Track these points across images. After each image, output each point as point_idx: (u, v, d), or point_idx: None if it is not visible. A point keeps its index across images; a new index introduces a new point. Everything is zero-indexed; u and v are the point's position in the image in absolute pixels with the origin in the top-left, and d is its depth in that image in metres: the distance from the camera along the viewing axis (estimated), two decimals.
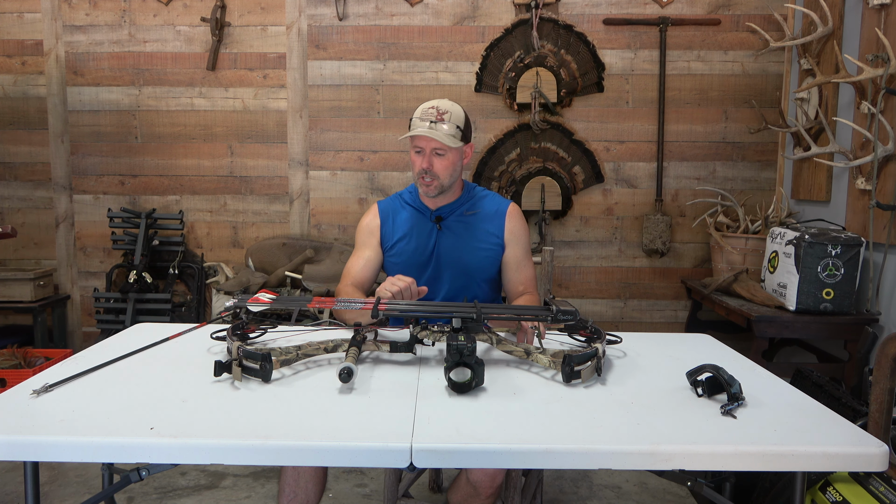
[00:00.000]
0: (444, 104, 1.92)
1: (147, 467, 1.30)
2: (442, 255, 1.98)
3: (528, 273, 2.03)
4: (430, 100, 1.95)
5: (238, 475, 2.63)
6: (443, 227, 1.99)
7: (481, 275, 2.00)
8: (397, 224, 2.03)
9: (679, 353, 1.67)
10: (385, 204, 2.07)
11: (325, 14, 3.67)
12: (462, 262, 1.97)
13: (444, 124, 1.88)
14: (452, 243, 1.98)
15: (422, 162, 1.90)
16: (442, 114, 1.89)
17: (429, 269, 1.99)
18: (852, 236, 2.64)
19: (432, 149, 1.89)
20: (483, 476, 1.57)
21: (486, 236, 1.99)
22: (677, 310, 3.79)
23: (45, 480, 2.56)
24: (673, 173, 3.70)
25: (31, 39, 3.71)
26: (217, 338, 1.72)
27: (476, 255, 1.98)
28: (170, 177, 3.78)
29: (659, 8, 3.61)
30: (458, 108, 1.93)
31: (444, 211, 2.00)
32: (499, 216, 2.00)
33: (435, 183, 1.92)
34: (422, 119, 1.89)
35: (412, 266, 1.98)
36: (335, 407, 1.27)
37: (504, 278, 2.05)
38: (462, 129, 1.92)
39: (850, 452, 1.11)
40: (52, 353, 3.26)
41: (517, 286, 2.02)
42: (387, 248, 2.03)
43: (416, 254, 1.98)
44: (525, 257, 2.03)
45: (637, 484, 2.59)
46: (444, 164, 1.90)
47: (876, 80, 2.67)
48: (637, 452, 1.10)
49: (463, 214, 2.00)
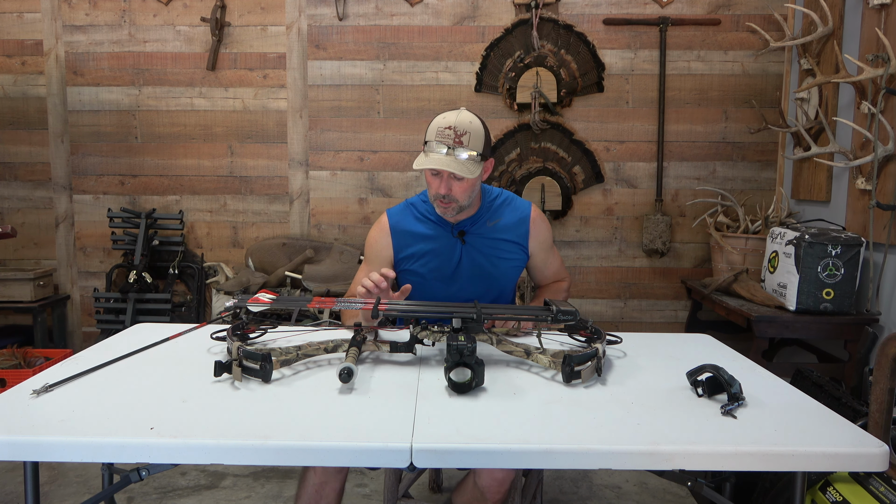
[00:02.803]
0: (462, 122, 1.76)
1: (147, 467, 1.30)
2: (465, 269, 1.92)
3: (554, 266, 2.06)
4: (448, 112, 1.79)
5: (238, 475, 2.63)
6: (466, 241, 1.91)
7: (504, 283, 1.97)
8: (415, 238, 1.92)
9: (679, 353, 1.67)
10: (396, 217, 1.95)
11: (325, 14, 3.67)
12: (486, 273, 1.93)
13: (462, 150, 1.74)
14: (476, 257, 1.92)
15: (439, 186, 1.78)
16: (460, 136, 1.73)
17: (454, 283, 1.93)
18: (852, 236, 2.64)
19: (450, 173, 1.76)
20: (491, 481, 1.55)
21: (510, 247, 1.95)
22: (677, 310, 3.79)
23: (45, 480, 2.56)
24: (673, 173, 3.70)
25: (31, 39, 3.71)
26: (217, 338, 1.72)
27: (500, 265, 1.94)
28: (170, 177, 3.78)
29: (659, 8, 3.61)
30: (477, 125, 1.78)
31: (466, 224, 1.91)
32: (522, 224, 1.94)
33: (453, 205, 1.82)
34: (438, 142, 1.74)
35: (436, 280, 1.93)
36: (335, 407, 1.27)
37: (532, 276, 2.08)
38: (482, 153, 1.78)
39: (850, 452, 1.11)
40: (52, 353, 3.26)
41: (547, 280, 2.07)
42: (400, 260, 1.93)
43: (440, 269, 1.92)
44: (550, 255, 2.03)
45: (637, 484, 2.59)
46: (462, 187, 1.78)
47: (876, 80, 2.67)
48: (637, 452, 1.11)
49: (485, 225, 1.93)
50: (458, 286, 1.93)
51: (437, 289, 1.93)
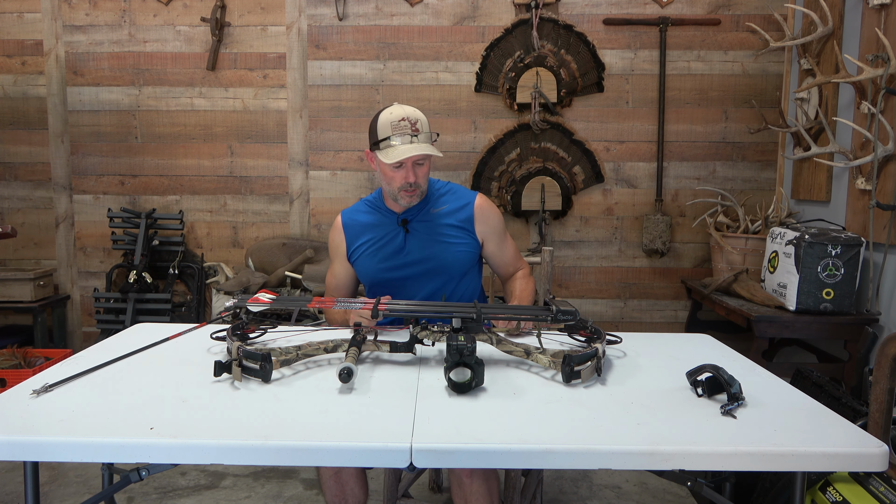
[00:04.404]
0: (411, 113, 1.88)
1: (147, 467, 1.30)
2: (412, 257, 1.97)
3: (510, 253, 2.08)
4: (390, 108, 1.89)
5: (238, 475, 2.63)
6: (410, 229, 1.98)
7: (456, 270, 2.00)
8: (364, 228, 2.02)
9: (679, 353, 1.67)
10: (348, 214, 2.06)
11: (325, 14, 3.67)
12: (434, 260, 1.97)
13: (422, 135, 1.86)
14: (421, 244, 1.97)
15: (406, 176, 1.87)
16: (414, 124, 1.85)
17: (401, 271, 1.98)
18: (852, 236, 2.64)
19: (414, 161, 1.86)
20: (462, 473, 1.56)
21: (455, 231, 1.99)
22: (677, 310, 3.79)
23: (45, 480, 2.56)
24: (673, 173, 3.70)
25: (31, 39, 3.71)
26: (217, 338, 1.72)
27: (447, 251, 1.97)
28: (170, 177, 3.78)
29: (659, 8, 3.61)
30: (420, 113, 1.91)
31: (411, 213, 1.98)
32: (465, 210, 2.00)
33: (418, 191, 1.92)
34: (398, 135, 1.84)
35: (383, 270, 1.98)
36: (335, 407, 1.27)
37: (492, 267, 2.11)
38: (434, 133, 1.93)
39: (850, 452, 1.11)
40: (52, 353, 3.26)
41: (507, 269, 2.09)
42: (353, 251, 2.02)
43: (386, 259, 1.98)
44: (503, 242, 2.06)
45: (637, 484, 2.59)
46: (424, 171, 1.91)
47: (876, 80, 2.67)
48: (637, 452, 1.10)
49: (429, 213, 1.99)
50: (408, 271, 1.98)
51: (386, 277, 1.99)
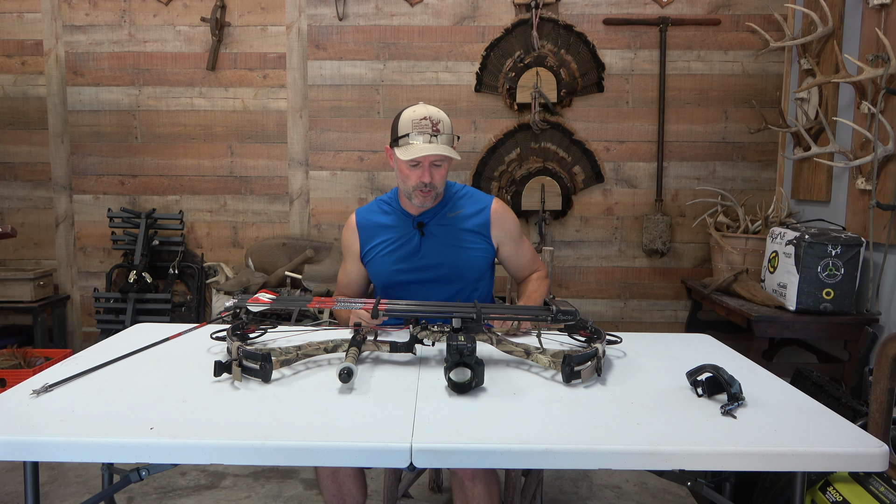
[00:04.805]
0: (434, 113, 1.87)
1: (147, 467, 1.30)
2: (427, 261, 1.96)
3: (526, 257, 2.06)
4: (414, 107, 1.89)
5: (238, 475, 2.63)
6: (426, 232, 1.96)
7: (472, 275, 1.99)
8: (379, 229, 2.00)
9: (679, 353, 1.67)
10: (363, 213, 2.05)
11: (325, 14, 3.67)
12: (449, 265, 1.96)
13: (442, 136, 1.85)
14: (437, 248, 1.96)
15: (421, 175, 1.86)
16: (436, 124, 1.85)
17: (415, 274, 1.97)
18: (852, 236, 2.64)
19: (431, 161, 1.85)
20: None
21: (471, 236, 1.98)
22: (677, 310, 3.79)
23: (45, 480, 2.56)
24: (673, 173, 3.70)
25: (31, 39, 3.71)
26: (217, 338, 1.72)
27: (463, 256, 1.96)
28: (170, 177, 3.78)
29: (659, 8, 3.61)
30: (444, 114, 1.91)
31: (427, 216, 1.97)
32: (482, 214, 1.99)
33: (433, 193, 1.90)
34: (420, 134, 1.84)
35: (397, 272, 1.97)
36: (335, 407, 1.27)
37: (507, 270, 2.10)
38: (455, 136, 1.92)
39: (850, 452, 1.11)
40: (52, 353, 3.26)
41: (522, 272, 2.07)
42: (367, 251, 2.01)
43: (403, 258, 1.97)
44: (519, 247, 2.04)
45: (637, 484, 2.59)
46: (441, 173, 1.89)
47: (876, 80, 2.67)
48: (637, 452, 1.10)
49: (445, 217, 1.98)
50: (422, 274, 1.97)
51: (400, 280, 1.97)
